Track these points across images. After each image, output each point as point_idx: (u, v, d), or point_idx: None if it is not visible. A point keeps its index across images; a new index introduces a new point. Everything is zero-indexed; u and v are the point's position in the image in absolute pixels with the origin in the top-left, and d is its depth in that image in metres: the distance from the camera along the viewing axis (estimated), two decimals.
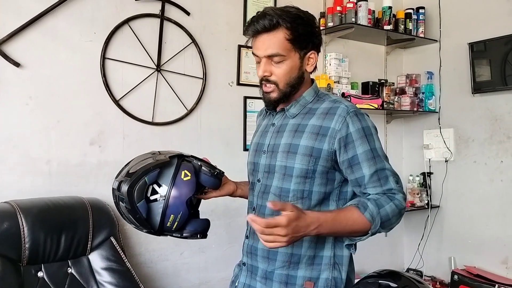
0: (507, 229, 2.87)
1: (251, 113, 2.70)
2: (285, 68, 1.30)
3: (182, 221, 1.26)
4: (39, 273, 1.78)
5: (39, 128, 2.06)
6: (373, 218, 1.22)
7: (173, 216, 1.25)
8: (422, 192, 3.23)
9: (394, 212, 1.25)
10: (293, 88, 1.34)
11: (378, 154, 1.29)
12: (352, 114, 1.27)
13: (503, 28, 2.83)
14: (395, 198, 1.26)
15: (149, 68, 2.35)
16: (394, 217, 1.26)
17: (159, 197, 1.25)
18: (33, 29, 2.03)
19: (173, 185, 1.26)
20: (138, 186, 1.24)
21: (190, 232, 1.30)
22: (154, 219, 1.25)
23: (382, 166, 1.28)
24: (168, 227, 1.26)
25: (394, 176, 1.29)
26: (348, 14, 2.89)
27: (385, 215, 1.24)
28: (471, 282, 2.83)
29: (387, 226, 1.27)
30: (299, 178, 1.29)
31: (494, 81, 2.90)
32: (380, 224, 1.23)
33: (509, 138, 2.87)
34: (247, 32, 1.32)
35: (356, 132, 1.26)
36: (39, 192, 2.02)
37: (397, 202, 1.26)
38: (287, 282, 1.32)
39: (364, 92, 3.13)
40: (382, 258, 3.33)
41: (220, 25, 2.60)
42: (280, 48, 1.27)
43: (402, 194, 1.28)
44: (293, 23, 1.27)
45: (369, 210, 1.22)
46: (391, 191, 1.27)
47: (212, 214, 2.56)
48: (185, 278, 2.48)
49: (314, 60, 1.35)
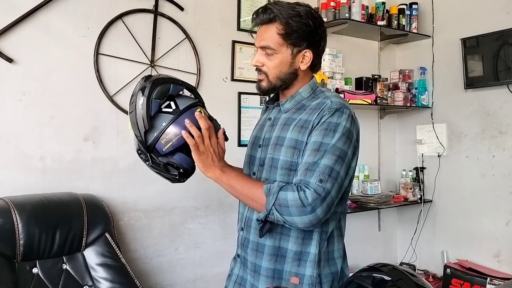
0: (499, 223, 2.90)
1: (245, 109, 2.70)
2: (275, 62, 1.34)
3: (176, 145, 1.26)
4: (33, 270, 1.78)
5: (33, 124, 2.05)
6: (269, 192, 1.23)
7: (171, 135, 1.25)
8: (415, 186, 3.26)
9: (295, 203, 1.19)
10: (284, 82, 1.37)
11: (326, 149, 1.24)
12: (332, 110, 1.29)
13: (495, 24, 2.85)
14: (303, 191, 1.20)
15: (143, 63, 2.34)
16: (294, 208, 1.19)
17: (171, 111, 1.27)
18: (26, 24, 2.02)
19: (186, 110, 1.28)
20: (163, 85, 1.28)
21: (176, 161, 1.29)
22: (155, 128, 1.26)
23: (318, 159, 1.23)
24: (162, 144, 1.26)
25: (323, 175, 1.21)
26: (342, 9, 2.89)
27: (284, 199, 1.20)
28: (464, 275, 2.87)
29: (285, 214, 1.20)
30: (284, 170, 1.31)
31: (486, 76, 2.92)
32: (275, 204, 1.21)
33: (501, 133, 2.90)
34: (252, 22, 1.38)
35: (321, 123, 1.28)
36: (33, 188, 2.01)
37: (303, 195, 1.19)
38: (273, 277, 1.34)
39: (357, 88, 3.14)
40: (375, 252, 3.36)
41: (214, 20, 2.60)
42: (271, 42, 1.32)
43: (315, 193, 1.19)
44: (288, 20, 1.29)
45: (270, 185, 1.24)
46: (306, 184, 1.21)
47: (207, 209, 2.57)
48: (180, 273, 2.49)
49: (309, 59, 1.35)
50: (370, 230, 3.34)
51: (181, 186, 2.44)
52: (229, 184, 1.30)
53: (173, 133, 1.25)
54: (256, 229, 1.33)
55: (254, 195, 1.26)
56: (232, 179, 1.29)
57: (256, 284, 1.35)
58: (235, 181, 1.29)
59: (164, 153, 1.27)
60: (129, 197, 2.31)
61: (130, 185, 2.31)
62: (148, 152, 1.28)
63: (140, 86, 1.28)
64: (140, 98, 1.26)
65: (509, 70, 2.79)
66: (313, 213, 1.19)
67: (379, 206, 3.00)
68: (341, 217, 1.41)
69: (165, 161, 1.29)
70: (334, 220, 1.37)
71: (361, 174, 3.16)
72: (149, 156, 1.29)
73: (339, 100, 1.34)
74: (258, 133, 1.47)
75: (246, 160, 1.49)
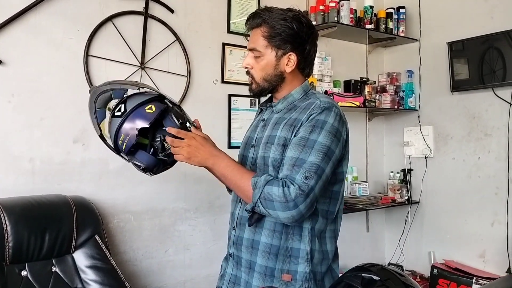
0: (484, 223, 2.95)
1: (235, 111, 2.72)
2: (261, 64, 1.40)
3: (129, 145, 1.34)
4: (22, 272, 1.76)
5: (22, 125, 2.04)
6: (255, 186, 1.27)
7: (123, 136, 1.34)
8: (403, 188, 3.30)
9: (279, 198, 1.22)
10: (270, 84, 1.42)
11: (311, 145, 1.27)
12: (321, 108, 1.33)
13: (480, 28, 2.91)
14: (288, 187, 1.23)
15: (133, 65, 2.34)
16: (278, 204, 1.22)
17: (120, 114, 1.36)
18: (15, 26, 2.01)
19: (134, 110, 1.36)
20: (103, 94, 1.41)
21: (136, 161, 1.38)
22: (111, 132, 1.36)
23: (305, 156, 1.26)
24: (120, 145, 1.35)
25: (308, 173, 1.24)
26: (331, 13, 2.92)
27: (269, 193, 1.24)
28: (450, 275, 2.91)
29: (270, 208, 1.24)
30: (273, 168, 1.35)
31: (472, 79, 2.98)
32: (260, 197, 1.25)
33: (486, 135, 2.95)
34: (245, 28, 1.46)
35: (309, 121, 1.31)
36: (22, 190, 1.99)
37: (287, 191, 1.22)
38: (266, 274, 1.36)
39: (346, 90, 3.17)
40: (364, 253, 3.39)
41: (204, 23, 2.61)
42: (257, 44, 1.38)
43: (299, 190, 1.22)
44: (273, 23, 1.36)
45: (257, 178, 1.28)
46: (291, 180, 1.24)
47: (197, 211, 2.58)
48: (170, 275, 2.48)
49: (293, 62, 1.39)
50: (358, 231, 3.38)
51: (171, 188, 2.46)
52: (221, 176, 1.36)
53: (123, 135, 1.34)
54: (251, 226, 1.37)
55: (242, 186, 1.31)
56: (222, 169, 1.34)
57: (251, 281, 1.38)
58: (226, 170, 1.34)
59: (127, 153, 1.37)
60: (119, 199, 2.31)
61: (120, 187, 2.30)
62: (118, 154, 1.41)
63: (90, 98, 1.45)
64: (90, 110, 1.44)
65: (494, 73, 2.84)
66: (296, 208, 1.23)
67: (367, 207, 3.03)
68: (336, 219, 1.43)
69: (130, 160, 1.39)
70: (327, 219, 1.39)
71: (349, 176, 3.19)
72: (121, 156, 1.41)
73: (329, 100, 1.38)
74: (251, 134, 1.51)
75: (239, 160, 1.52)
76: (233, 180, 1.33)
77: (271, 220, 1.35)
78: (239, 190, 1.34)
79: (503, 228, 2.84)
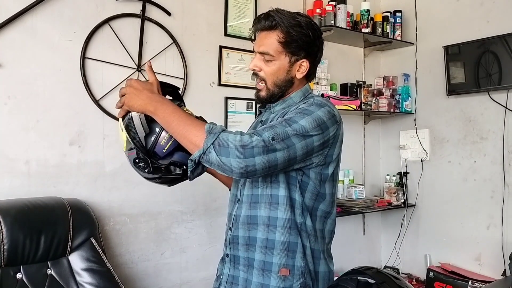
0: (480, 226, 2.96)
1: (232, 114, 2.72)
2: (273, 68, 1.37)
3: (174, 145, 1.28)
4: (18, 275, 1.76)
5: (18, 128, 2.03)
6: (210, 131, 1.18)
7: (169, 135, 1.27)
8: (399, 191, 3.31)
9: (235, 144, 1.16)
10: (280, 89, 1.40)
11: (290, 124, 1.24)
12: (311, 102, 1.34)
13: (476, 32, 2.92)
14: (248, 135, 1.19)
15: (130, 68, 2.34)
16: (234, 150, 1.15)
17: None
18: (12, 28, 2.01)
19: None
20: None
21: (178, 160, 1.30)
22: (152, 131, 1.29)
23: (279, 124, 1.24)
24: (161, 145, 1.28)
25: (277, 136, 1.20)
26: (327, 16, 2.93)
27: (225, 139, 1.17)
28: (446, 278, 2.91)
29: (223, 155, 1.16)
30: None
31: (468, 83, 2.99)
32: (214, 144, 1.16)
33: (482, 139, 2.96)
34: (252, 28, 1.42)
35: (298, 108, 1.32)
36: (18, 193, 1.99)
37: (247, 138, 1.17)
38: (264, 269, 1.36)
39: (342, 93, 3.18)
40: (360, 256, 3.40)
41: (201, 25, 2.62)
42: (271, 48, 1.36)
43: (261, 141, 1.17)
44: (289, 28, 1.34)
45: (213, 125, 1.21)
46: (257, 133, 1.21)
47: (193, 214, 2.58)
48: (166, 278, 2.48)
49: (305, 68, 1.40)
50: (354, 234, 3.38)
51: (167, 191, 2.45)
52: (165, 122, 1.24)
53: (169, 134, 1.28)
54: (244, 223, 1.39)
55: (192, 131, 1.20)
56: (167, 114, 1.23)
57: (250, 278, 1.38)
58: (172, 117, 1.23)
59: (165, 155, 1.30)
60: (115, 201, 2.30)
61: (116, 189, 2.30)
62: (148, 158, 1.28)
63: None
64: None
65: (490, 77, 2.86)
66: (251, 158, 1.16)
67: (364, 210, 3.04)
68: (327, 220, 1.44)
69: (166, 163, 1.31)
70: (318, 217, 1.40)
71: (346, 179, 3.20)
72: (149, 161, 1.28)
73: (323, 99, 1.39)
74: None
75: None
76: (180, 125, 1.21)
77: (264, 215, 1.35)
78: (187, 137, 1.21)
79: (499, 231, 2.85)
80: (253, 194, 1.39)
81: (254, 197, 1.39)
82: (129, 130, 1.29)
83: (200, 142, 1.18)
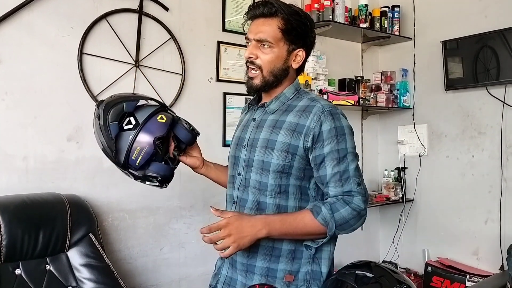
0: (478, 221, 2.97)
1: (230, 109, 2.72)
2: (271, 56, 1.34)
3: (146, 157, 1.31)
4: (16, 271, 1.76)
5: (15, 124, 2.03)
6: (326, 222, 1.27)
7: (139, 149, 1.30)
8: (397, 186, 3.31)
9: (351, 215, 1.27)
10: (276, 78, 1.37)
11: (345, 154, 1.30)
12: (327, 113, 1.31)
13: (474, 27, 2.92)
14: (352, 202, 1.28)
15: (128, 63, 2.33)
16: (353, 219, 1.28)
17: (132, 127, 1.32)
18: (8, 24, 2.00)
19: (147, 121, 1.32)
20: (115, 107, 1.32)
21: (152, 172, 1.34)
22: (122, 147, 1.31)
23: (346, 167, 1.30)
24: (133, 159, 1.31)
25: (357, 178, 1.30)
26: (326, 11, 2.93)
27: (341, 218, 1.27)
28: (444, 273, 2.92)
29: (347, 228, 1.30)
30: (276, 173, 1.33)
31: (466, 78, 2.99)
32: (337, 227, 1.27)
33: (480, 134, 2.97)
34: (247, 15, 1.38)
35: (328, 131, 1.30)
36: (16, 189, 1.99)
37: (355, 205, 1.28)
38: (268, 275, 1.35)
39: (341, 89, 3.18)
40: (358, 251, 3.40)
41: (199, 21, 2.61)
42: (270, 36, 1.33)
43: (361, 196, 1.29)
44: (290, 16, 1.32)
45: (322, 214, 1.26)
46: (350, 193, 1.29)
47: (192, 209, 2.58)
48: (165, 273, 2.48)
49: (301, 58, 1.38)
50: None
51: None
52: (283, 235, 1.30)
53: (139, 148, 1.30)
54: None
55: (313, 231, 1.29)
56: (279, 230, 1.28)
57: (249, 282, 1.36)
58: (285, 230, 1.28)
59: (139, 167, 1.32)
60: (113, 197, 2.30)
61: (114, 185, 2.30)
62: (125, 170, 1.35)
63: (96, 114, 1.35)
64: (97, 124, 1.33)
65: (488, 72, 2.86)
66: (366, 211, 1.32)
67: None
68: None
69: (143, 173, 1.34)
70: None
71: None
72: (128, 172, 1.35)
73: (328, 102, 1.38)
74: (241, 134, 1.47)
75: (231, 161, 1.49)
76: (297, 233, 1.30)
77: None
78: (310, 236, 1.32)
79: (496, 226, 2.86)
80: (260, 201, 1.36)
81: (262, 204, 1.36)
82: (103, 151, 1.35)
83: (324, 232, 1.29)
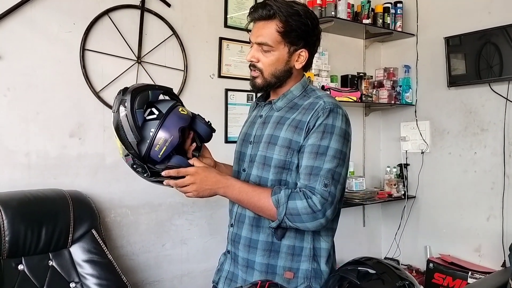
0: (480, 218, 2.96)
1: (232, 106, 2.71)
2: (271, 59, 1.34)
3: (170, 148, 1.25)
4: (19, 266, 1.76)
5: (18, 120, 2.03)
6: (278, 204, 1.27)
7: (163, 140, 1.24)
8: (399, 183, 3.31)
9: (305, 210, 1.24)
10: (278, 79, 1.37)
11: (324, 152, 1.27)
12: (326, 110, 1.30)
13: (477, 23, 2.90)
14: (310, 198, 1.25)
15: (130, 59, 2.33)
16: (306, 216, 1.24)
17: (155, 117, 1.27)
18: (11, 19, 2.00)
19: (171, 111, 1.29)
20: (142, 94, 1.27)
21: (175, 165, 1.29)
22: (145, 137, 1.25)
23: (320, 164, 1.27)
24: (156, 151, 1.25)
25: (327, 179, 1.26)
26: (328, 7, 2.92)
27: (293, 208, 1.25)
28: (446, 270, 2.92)
29: (297, 222, 1.26)
30: (277, 169, 1.33)
31: (469, 74, 2.98)
32: (286, 214, 1.26)
33: (483, 130, 2.96)
34: (248, 17, 1.38)
35: (319, 126, 1.29)
36: (18, 185, 1.99)
37: (311, 202, 1.24)
38: (267, 271, 1.35)
39: (343, 85, 3.17)
40: (360, 248, 3.41)
41: (201, 17, 2.60)
42: (269, 39, 1.32)
43: (321, 197, 1.24)
44: (288, 18, 1.30)
45: (278, 196, 1.27)
46: (311, 190, 1.26)
47: (194, 206, 2.58)
48: (167, 269, 2.49)
49: (304, 58, 1.37)
50: (355, 226, 3.39)
51: None
52: (237, 201, 1.36)
53: (163, 138, 1.25)
54: (250, 224, 1.37)
55: (263, 207, 1.30)
56: (236, 195, 1.34)
57: (249, 279, 1.37)
58: (240, 196, 1.33)
59: (161, 160, 1.27)
60: (116, 193, 2.31)
61: (117, 181, 2.30)
62: (144, 164, 1.27)
63: (119, 100, 1.27)
64: (123, 112, 1.25)
65: (491, 68, 2.85)
66: (324, 217, 1.26)
67: (364, 202, 3.04)
68: (336, 218, 1.42)
69: (163, 167, 1.29)
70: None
71: None
72: (146, 167, 1.28)
73: (332, 100, 1.36)
74: (248, 130, 1.47)
75: (236, 156, 1.50)
76: (250, 203, 1.32)
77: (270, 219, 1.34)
78: (260, 211, 1.32)
79: (499, 222, 2.86)
80: None
81: None
82: (121, 137, 1.26)
83: (274, 215, 1.28)
